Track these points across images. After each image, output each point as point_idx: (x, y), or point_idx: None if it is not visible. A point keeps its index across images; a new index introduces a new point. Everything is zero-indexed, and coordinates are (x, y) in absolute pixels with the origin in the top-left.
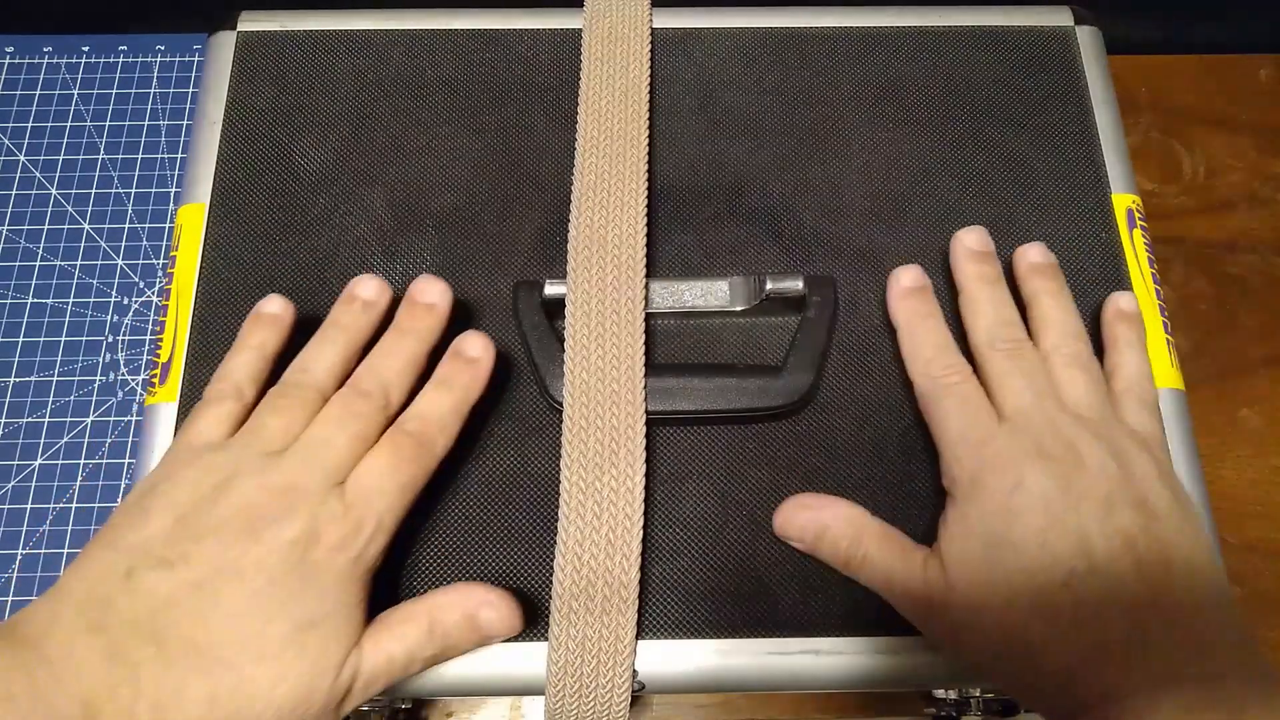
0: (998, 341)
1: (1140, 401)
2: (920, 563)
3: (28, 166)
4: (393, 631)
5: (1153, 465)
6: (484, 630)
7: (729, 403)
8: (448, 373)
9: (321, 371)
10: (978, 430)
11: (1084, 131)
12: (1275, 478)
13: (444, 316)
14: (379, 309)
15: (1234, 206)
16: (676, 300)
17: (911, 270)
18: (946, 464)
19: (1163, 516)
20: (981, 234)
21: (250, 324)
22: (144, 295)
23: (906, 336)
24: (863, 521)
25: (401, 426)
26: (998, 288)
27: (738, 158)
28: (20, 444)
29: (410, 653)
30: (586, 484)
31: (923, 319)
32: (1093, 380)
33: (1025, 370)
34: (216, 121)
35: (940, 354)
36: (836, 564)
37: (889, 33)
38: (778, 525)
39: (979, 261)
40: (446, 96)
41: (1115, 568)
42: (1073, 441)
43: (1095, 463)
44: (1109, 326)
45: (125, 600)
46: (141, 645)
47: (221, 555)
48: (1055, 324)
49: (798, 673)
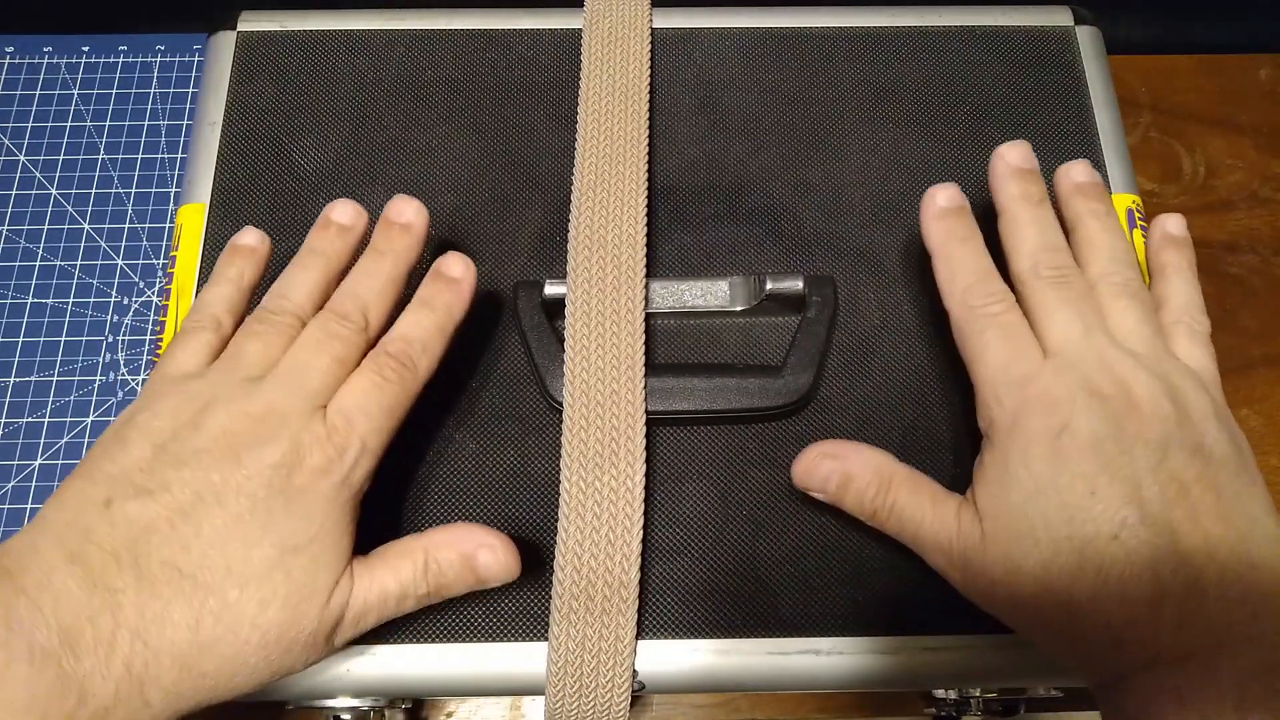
0: (1043, 268)
1: (1191, 334)
2: (954, 511)
3: (28, 166)
4: (389, 565)
5: (1209, 403)
6: (480, 573)
7: (729, 403)
8: (429, 293)
9: (299, 297)
10: (1021, 365)
11: (1084, 131)
12: (1275, 478)
13: (420, 235)
14: (355, 233)
15: (1234, 206)
16: (676, 300)
17: (948, 189)
18: (985, 402)
19: (1219, 461)
20: (1025, 149)
21: (226, 255)
22: (144, 295)
23: (942, 261)
24: (891, 469)
25: (384, 348)
26: (1043, 209)
27: (738, 158)
28: (20, 444)
29: (404, 588)
30: (586, 484)
31: (961, 241)
32: (1145, 310)
33: (1073, 300)
34: (216, 122)
35: (981, 281)
36: (863, 515)
37: (889, 33)
38: (798, 476)
39: (1022, 180)
40: (446, 96)
41: (1169, 518)
42: (1125, 379)
43: (1149, 402)
44: (1156, 253)
45: (105, 529)
46: (121, 573)
47: (202, 481)
48: (1104, 248)
49: (798, 673)
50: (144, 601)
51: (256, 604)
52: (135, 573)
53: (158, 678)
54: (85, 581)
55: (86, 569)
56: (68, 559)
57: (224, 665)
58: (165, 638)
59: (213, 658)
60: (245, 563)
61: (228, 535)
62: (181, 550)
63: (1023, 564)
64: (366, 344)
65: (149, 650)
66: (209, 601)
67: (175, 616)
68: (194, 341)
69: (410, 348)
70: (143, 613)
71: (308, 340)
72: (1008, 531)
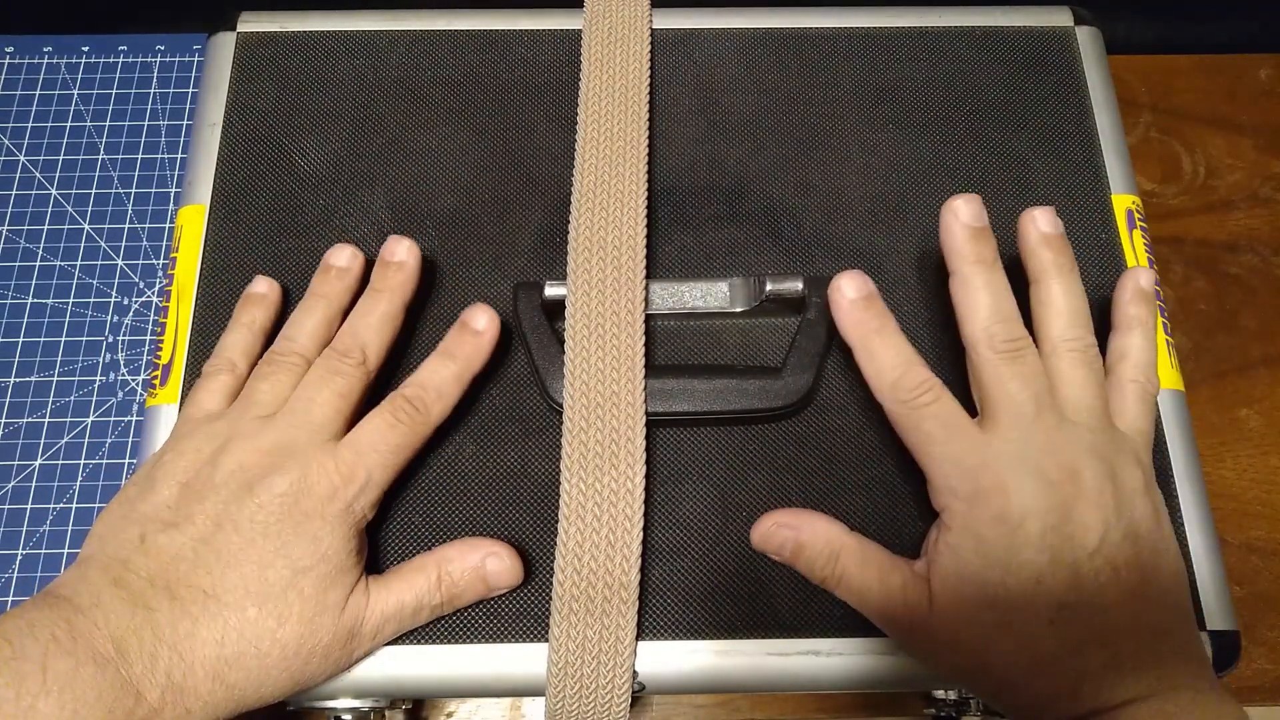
0: (997, 341)
1: (1141, 395)
2: (899, 585)
3: (28, 166)
4: (403, 580)
5: (1140, 478)
6: (489, 580)
7: (729, 404)
8: (453, 344)
9: (304, 338)
10: (971, 455)
11: (1084, 132)
12: (1275, 477)
13: (413, 271)
14: (354, 274)
15: (1234, 206)
16: (676, 301)
17: (854, 278)
18: (938, 489)
19: (1144, 537)
20: (976, 206)
21: (240, 305)
22: (144, 295)
23: (864, 357)
24: (841, 541)
25: (401, 391)
26: (995, 273)
27: (737, 158)
28: (20, 444)
29: (419, 600)
30: (587, 485)
31: (877, 334)
32: (1095, 381)
33: (1026, 377)
34: (216, 123)
35: (906, 373)
36: (813, 580)
37: (889, 33)
38: (755, 540)
39: (976, 240)
40: (446, 97)
41: (1101, 601)
42: (1074, 465)
43: (1093, 488)
44: (1124, 305)
45: (140, 560)
46: (156, 595)
47: (221, 512)
48: (1063, 311)
49: (798, 673)
50: (177, 619)
51: (275, 619)
52: (168, 595)
53: (195, 688)
54: (128, 602)
55: (129, 592)
56: (112, 583)
57: (249, 677)
58: (197, 653)
59: (239, 670)
60: (261, 582)
61: (244, 558)
62: (205, 574)
63: (967, 641)
64: (366, 376)
65: (184, 663)
66: (231, 619)
67: (203, 633)
68: (212, 384)
69: (426, 394)
70: (176, 629)
71: (312, 378)
72: (957, 610)
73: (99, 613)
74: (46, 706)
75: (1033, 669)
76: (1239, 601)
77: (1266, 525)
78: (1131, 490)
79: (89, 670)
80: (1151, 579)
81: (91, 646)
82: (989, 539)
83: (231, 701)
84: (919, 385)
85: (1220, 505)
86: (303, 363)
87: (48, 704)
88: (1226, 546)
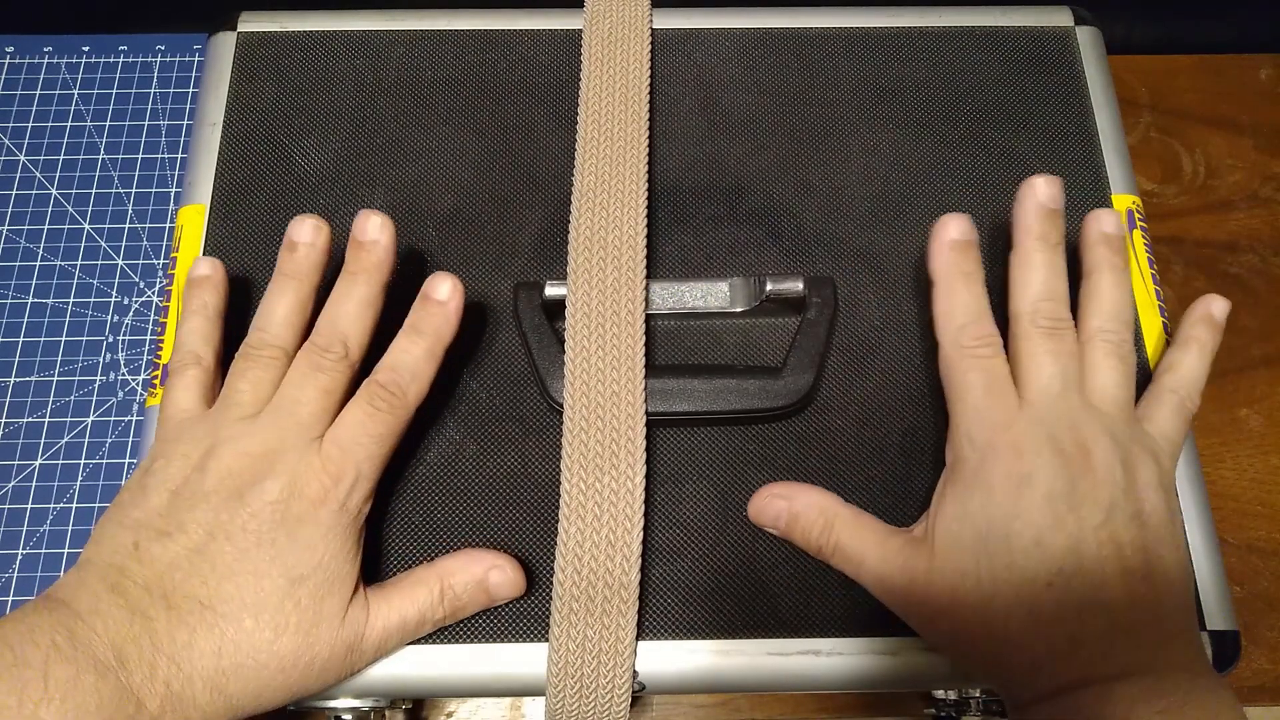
0: (1040, 317)
1: (1179, 409)
2: (896, 548)
3: (28, 166)
4: (404, 594)
5: (1155, 474)
6: (492, 592)
7: (729, 404)
8: (417, 318)
9: (278, 325)
10: (998, 412)
11: (1084, 132)
12: (1275, 477)
13: (388, 248)
14: (320, 248)
15: (1234, 206)
16: (677, 301)
17: (961, 221)
18: (957, 438)
19: (1153, 527)
20: (1056, 188)
21: (187, 291)
22: (144, 295)
23: (943, 294)
24: (834, 510)
25: (374, 378)
26: (1056, 254)
27: (738, 158)
28: (20, 444)
29: (422, 613)
30: (587, 485)
31: (964, 277)
32: (1127, 374)
33: (1060, 355)
34: (217, 123)
35: (976, 322)
36: (810, 550)
37: (889, 33)
38: (752, 513)
39: (1047, 220)
40: (446, 97)
41: (1101, 572)
42: (1087, 442)
43: (1104, 467)
44: (1189, 325)
45: (136, 567)
46: (154, 604)
47: (213, 520)
48: (1109, 303)
49: (798, 673)
50: (174, 629)
51: (271, 630)
52: (165, 604)
53: (193, 698)
54: (127, 609)
55: (127, 598)
56: (110, 590)
57: (247, 688)
58: (195, 664)
59: (237, 681)
60: (257, 593)
61: (238, 568)
62: (200, 584)
63: (964, 599)
64: (350, 369)
65: (183, 674)
66: (228, 630)
67: (201, 644)
68: (184, 380)
69: (399, 376)
70: (174, 639)
71: (294, 377)
72: (956, 568)
73: (98, 619)
74: (48, 714)
75: (1029, 626)
76: (1239, 601)
77: (1266, 525)
78: (1145, 482)
79: (90, 678)
80: (1156, 567)
81: (92, 654)
82: (995, 492)
83: (230, 711)
84: (984, 336)
85: (1220, 505)
86: (280, 354)
87: (49, 711)
88: (1226, 546)
